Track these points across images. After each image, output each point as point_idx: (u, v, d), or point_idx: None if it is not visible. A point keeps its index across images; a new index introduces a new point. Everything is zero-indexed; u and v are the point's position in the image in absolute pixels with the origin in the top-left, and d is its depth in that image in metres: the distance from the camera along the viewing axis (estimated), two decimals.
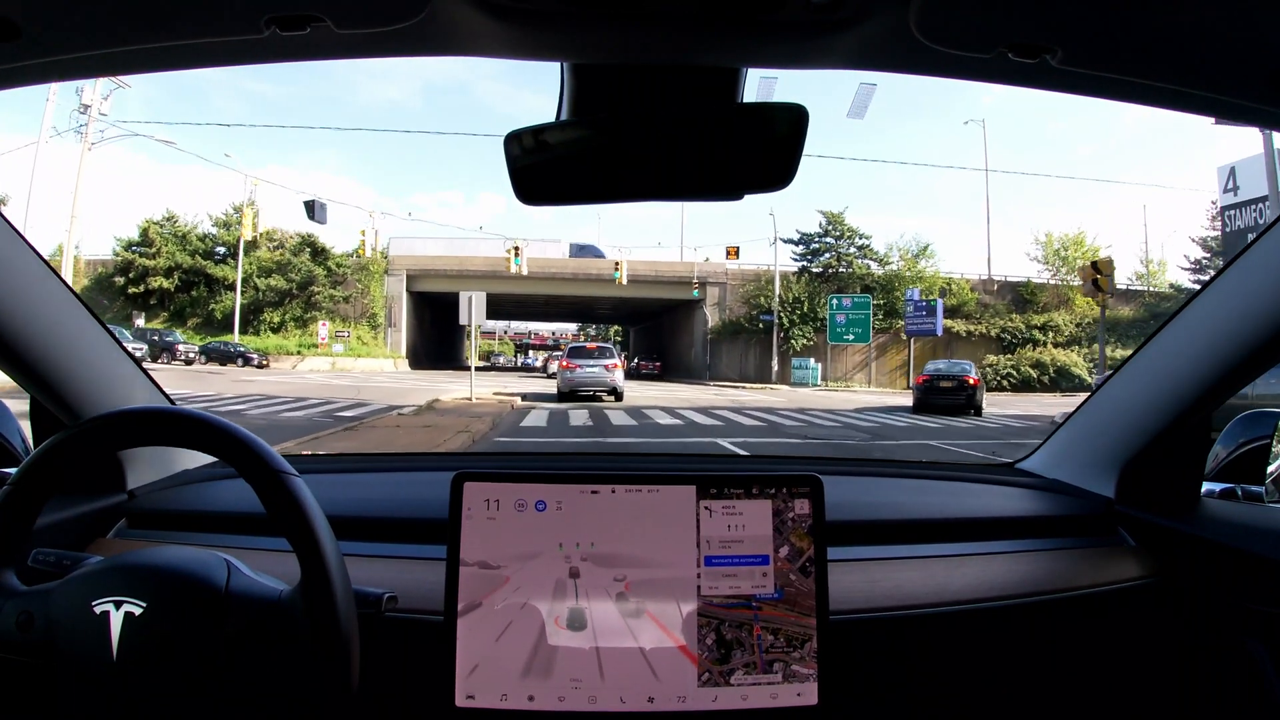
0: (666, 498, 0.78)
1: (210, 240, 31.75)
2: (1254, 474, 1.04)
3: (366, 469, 1.28)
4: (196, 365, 23.50)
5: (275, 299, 30.71)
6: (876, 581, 0.89)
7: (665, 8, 0.57)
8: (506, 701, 0.74)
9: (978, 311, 29.40)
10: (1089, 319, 26.71)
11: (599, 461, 1.35)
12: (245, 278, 30.30)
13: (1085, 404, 1.17)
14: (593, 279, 32.55)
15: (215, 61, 0.65)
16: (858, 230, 31.04)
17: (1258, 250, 0.85)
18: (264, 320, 30.59)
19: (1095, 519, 1.06)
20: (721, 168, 0.73)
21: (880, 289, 29.01)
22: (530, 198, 0.75)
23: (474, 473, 0.78)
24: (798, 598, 0.77)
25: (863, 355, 29.56)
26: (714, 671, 0.75)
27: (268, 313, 30.36)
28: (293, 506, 0.64)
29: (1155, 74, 0.62)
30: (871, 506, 1.05)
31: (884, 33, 0.59)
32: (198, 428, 0.67)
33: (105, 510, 0.98)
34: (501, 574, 0.76)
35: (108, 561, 0.68)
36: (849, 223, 31.03)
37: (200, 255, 31.00)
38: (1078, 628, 0.92)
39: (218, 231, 32.14)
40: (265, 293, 30.32)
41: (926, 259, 29.73)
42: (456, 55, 0.66)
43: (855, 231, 30.98)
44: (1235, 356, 0.87)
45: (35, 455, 0.67)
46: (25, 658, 0.65)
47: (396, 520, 0.99)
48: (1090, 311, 25.48)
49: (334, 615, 0.63)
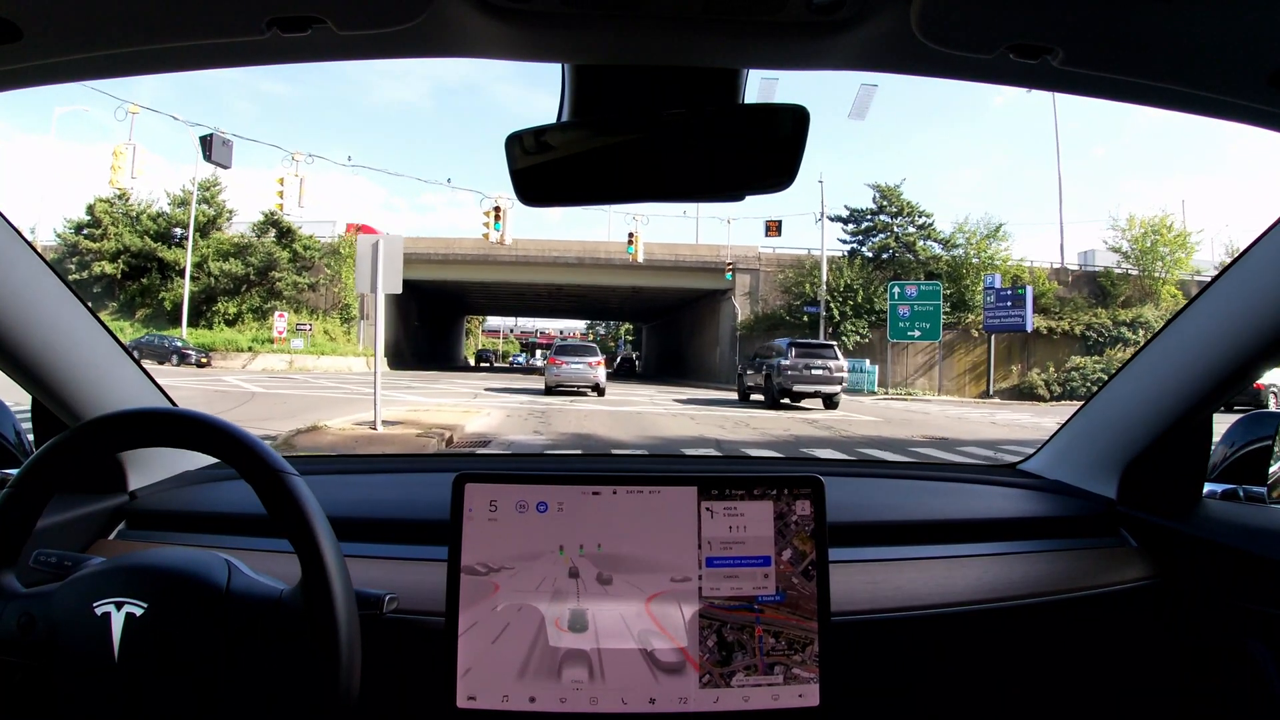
0: (668, 499, 0.82)
1: (165, 220, 27.21)
2: (1256, 475, 1.08)
3: (367, 470, 1.32)
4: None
5: (231, 287, 26.01)
6: (878, 582, 0.93)
7: (666, 9, 0.60)
8: (508, 703, 0.78)
9: (1056, 305, 26.21)
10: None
11: (600, 462, 1.43)
12: (199, 262, 25.96)
13: (1087, 405, 1.21)
14: (601, 265, 27.47)
15: (217, 63, 0.68)
16: (917, 206, 25.38)
17: (1258, 252, 0.89)
18: (217, 311, 25.73)
19: (1097, 520, 1.11)
20: (723, 168, 0.76)
21: (944, 276, 25.83)
22: (532, 199, 0.78)
23: (475, 474, 0.82)
24: (800, 601, 0.80)
25: (927, 356, 23.79)
26: (715, 673, 0.79)
27: (222, 302, 26.12)
28: (293, 507, 0.68)
29: (1155, 74, 0.65)
30: (873, 508, 1.09)
31: (885, 34, 0.61)
32: (198, 428, 0.70)
33: (106, 511, 1.03)
34: (503, 575, 0.80)
35: (109, 563, 0.72)
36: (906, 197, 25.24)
37: (152, 237, 27.32)
38: (1080, 628, 0.97)
39: (172, 211, 27.11)
40: (220, 279, 25.55)
41: (998, 241, 24.06)
42: (457, 56, 0.68)
43: (914, 208, 25.32)
44: (1237, 357, 0.91)
45: (36, 456, 0.70)
46: (26, 659, 0.68)
47: (398, 521, 1.03)
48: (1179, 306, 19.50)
49: (334, 615, 0.67)
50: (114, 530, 1.03)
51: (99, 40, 0.60)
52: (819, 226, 24.93)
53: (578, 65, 0.71)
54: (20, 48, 0.58)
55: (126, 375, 1.06)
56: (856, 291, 25.50)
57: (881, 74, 0.72)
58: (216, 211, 30.02)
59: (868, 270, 26.36)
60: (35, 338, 0.90)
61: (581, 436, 9.43)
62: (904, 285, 23.79)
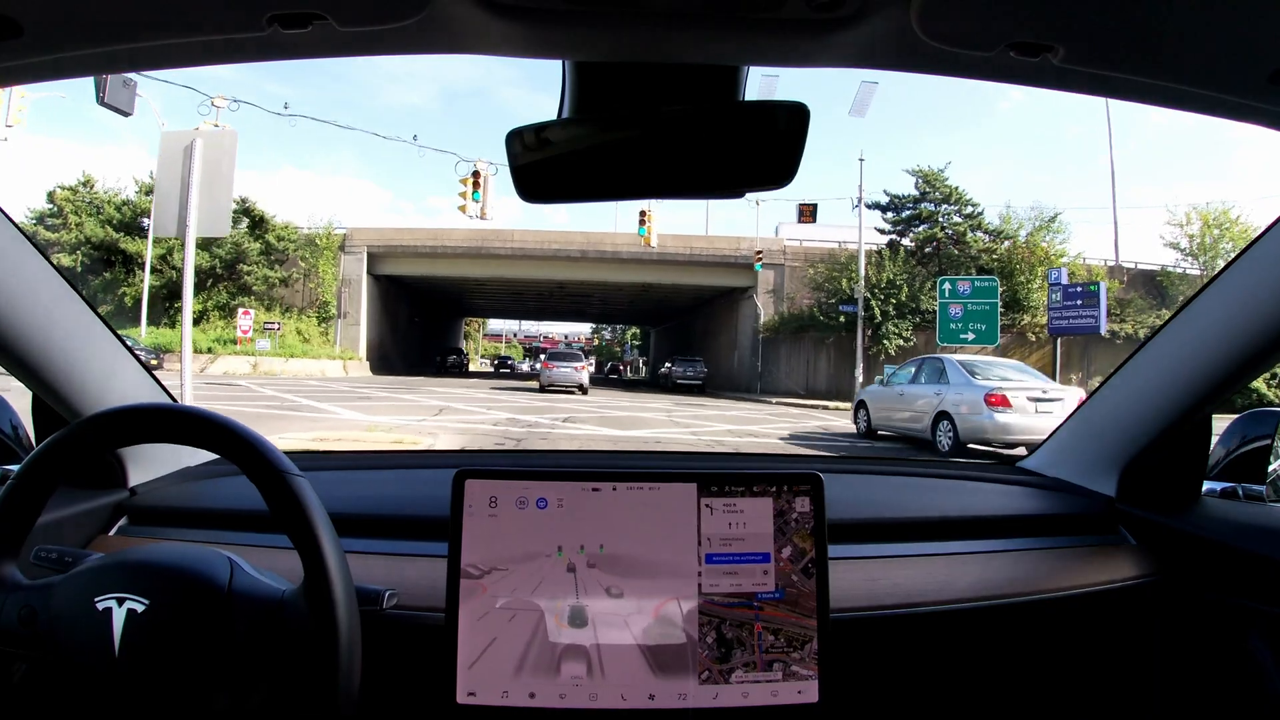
0: (667, 495, 0.84)
1: (131, 209, 24.46)
2: (1255, 473, 1.10)
3: (368, 466, 1.32)
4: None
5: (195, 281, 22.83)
6: (877, 580, 0.96)
7: (666, 6, 0.61)
8: (507, 699, 0.80)
9: (1115, 306, 23.87)
10: None
11: (600, 458, 1.45)
12: (163, 254, 23.15)
13: (1087, 403, 1.23)
14: (606, 259, 24.61)
15: (218, 59, 0.69)
16: (964, 194, 22.12)
17: (1259, 249, 0.91)
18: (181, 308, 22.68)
19: (1097, 518, 1.13)
20: (723, 165, 0.77)
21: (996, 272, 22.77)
22: (532, 195, 0.79)
23: (476, 470, 0.84)
24: (799, 599, 0.83)
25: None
26: (714, 670, 0.81)
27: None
28: (296, 507, 0.70)
29: (1156, 73, 0.66)
30: (873, 504, 1.11)
31: (885, 31, 0.62)
32: (200, 425, 0.72)
33: (107, 507, 1.06)
34: (503, 571, 0.82)
35: (110, 558, 0.74)
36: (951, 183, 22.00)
37: (115, 227, 24.00)
38: (1079, 626, 1.00)
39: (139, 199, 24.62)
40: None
41: (1053, 234, 20.83)
42: (458, 53, 0.69)
43: (962, 195, 22.04)
44: (1237, 355, 0.93)
45: (37, 452, 0.72)
46: (27, 652, 0.70)
47: (398, 517, 1.05)
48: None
49: (336, 615, 0.68)
50: (115, 526, 1.06)
51: (99, 36, 0.62)
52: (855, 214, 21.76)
53: (578, 62, 0.73)
54: (21, 44, 0.59)
55: (127, 371, 1.10)
56: (900, 288, 22.37)
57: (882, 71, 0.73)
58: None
59: (911, 264, 23.06)
60: (36, 333, 0.93)
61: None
62: (955, 281, 20.69)
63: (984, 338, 20.65)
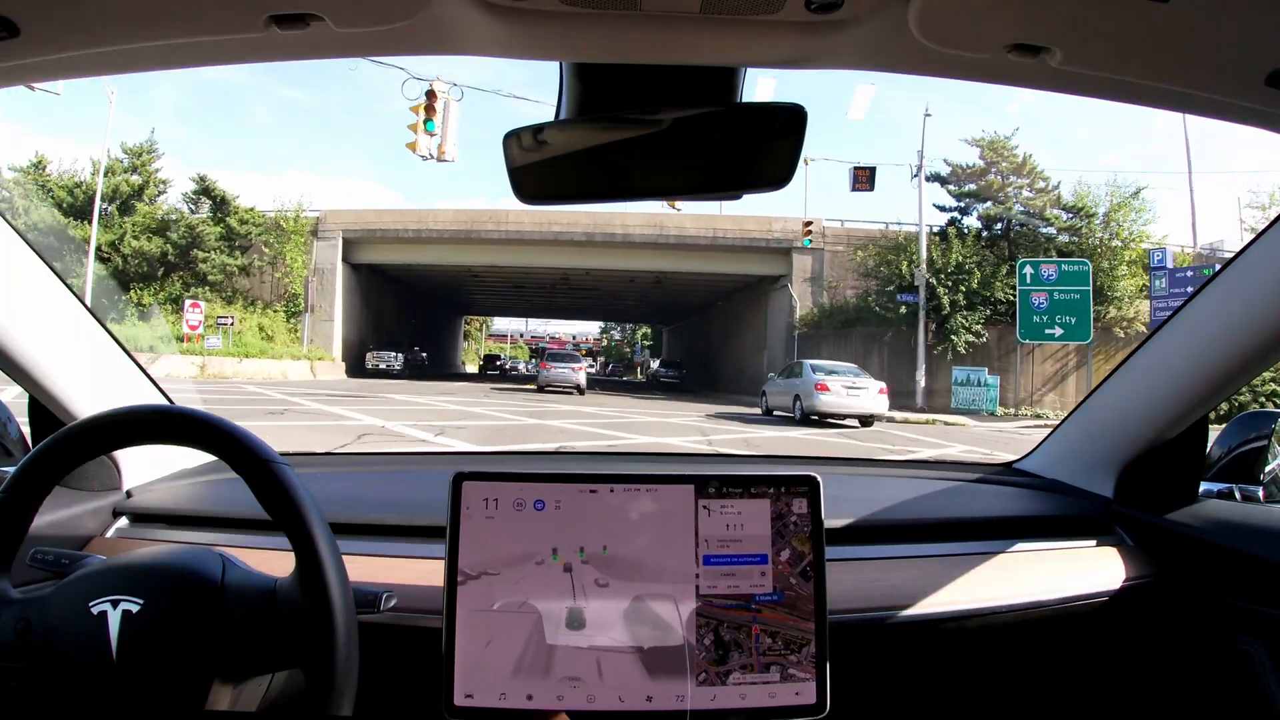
0: (665, 497, 0.87)
1: (83, 192, 21.95)
2: (1251, 474, 1.14)
3: (364, 467, 1.38)
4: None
5: (146, 270, 20.66)
6: (873, 581, 0.99)
7: (664, 7, 0.62)
8: (505, 700, 0.83)
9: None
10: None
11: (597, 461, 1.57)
12: (114, 241, 20.61)
13: (1084, 404, 1.25)
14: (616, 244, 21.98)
15: (216, 60, 0.71)
16: (1037, 166, 19.01)
17: (1255, 251, 0.93)
18: (130, 300, 20.59)
19: (1094, 519, 1.16)
20: (721, 166, 0.79)
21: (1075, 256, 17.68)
22: (529, 197, 0.81)
23: (473, 472, 0.88)
24: (797, 602, 0.86)
25: (1058, 363, 17.52)
26: (712, 672, 0.85)
27: (135, 290, 20.57)
28: (283, 495, 0.73)
29: (1155, 74, 0.67)
30: (869, 506, 1.13)
31: (883, 33, 0.63)
32: (190, 424, 0.76)
33: (103, 509, 1.10)
34: (500, 573, 0.86)
35: (103, 563, 0.79)
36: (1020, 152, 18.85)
37: (66, 211, 21.63)
38: (1077, 627, 1.02)
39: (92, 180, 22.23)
40: (132, 260, 20.31)
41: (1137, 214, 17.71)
42: (455, 54, 0.70)
43: (1034, 166, 18.94)
44: (1234, 357, 0.95)
45: (32, 455, 0.75)
46: (25, 664, 0.73)
47: (395, 520, 1.08)
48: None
49: (330, 601, 0.71)
50: (111, 528, 1.10)
51: (97, 37, 0.63)
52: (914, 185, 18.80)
53: (576, 63, 0.74)
54: (18, 44, 0.61)
55: (123, 373, 1.13)
56: (971, 273, 19.10)
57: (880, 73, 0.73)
58: (144, 180, 24.74)
59: (979, 247, 19.84)
60: (32, 336, 0.96)
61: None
62: (1036, 264, 17.67)
63: (1074, 333, 17.98)
